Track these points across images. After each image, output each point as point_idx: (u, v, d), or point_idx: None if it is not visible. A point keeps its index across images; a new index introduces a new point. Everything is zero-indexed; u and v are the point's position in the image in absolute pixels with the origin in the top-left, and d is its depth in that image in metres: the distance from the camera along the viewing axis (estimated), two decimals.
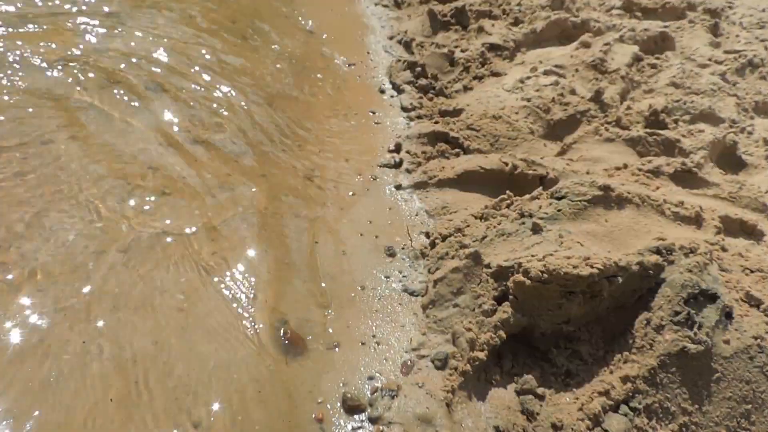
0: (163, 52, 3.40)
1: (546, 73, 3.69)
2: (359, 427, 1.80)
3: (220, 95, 3.22)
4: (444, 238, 2.48)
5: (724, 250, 2.29)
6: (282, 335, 2.03)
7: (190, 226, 2.36)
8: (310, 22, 4.34)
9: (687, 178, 2.80)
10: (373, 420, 1.82)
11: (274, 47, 3.87)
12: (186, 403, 1.76)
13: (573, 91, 3.49)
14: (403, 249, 2.52)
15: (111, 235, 2.23)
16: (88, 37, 3.37)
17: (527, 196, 2.58)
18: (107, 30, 3.49)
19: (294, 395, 1.86)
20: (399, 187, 2.88)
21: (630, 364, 1.95)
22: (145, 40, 3.49)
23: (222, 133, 2.95)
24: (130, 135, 2.75)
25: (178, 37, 3.60)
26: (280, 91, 3.42)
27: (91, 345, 1.85)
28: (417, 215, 2.73)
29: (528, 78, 3.66)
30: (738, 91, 3.58)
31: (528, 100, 3.38)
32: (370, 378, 1.95)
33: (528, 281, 2.03)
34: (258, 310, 2.10)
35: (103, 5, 3.72)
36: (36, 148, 2.51)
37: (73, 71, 3.04)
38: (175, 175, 2.59)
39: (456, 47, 4.08)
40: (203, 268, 2.21)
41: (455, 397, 1.92)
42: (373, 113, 3.46)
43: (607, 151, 3.06)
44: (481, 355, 2.00)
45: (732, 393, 1.85)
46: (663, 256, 2.10)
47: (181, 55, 3.44)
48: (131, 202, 2.39)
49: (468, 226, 2.52)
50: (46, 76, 2.96)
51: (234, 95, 3.25)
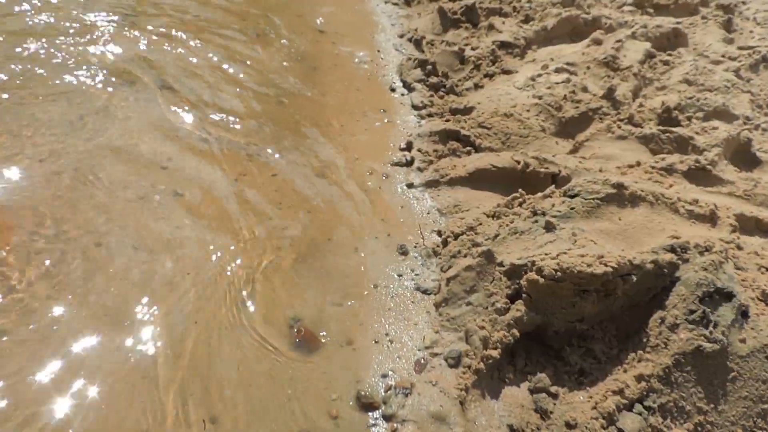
0: (179, 50, 3.43)
1: (557, 70, 3.67)
2: (374, 425, 1.81)
3: (230, 93, 3.23)
4: (456, 237, 2.48)
5: (739, 248, 2.27)
6: (296, 332, 2.04)
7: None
8: (320, 21, 4.34)
9: (701, 176, 2.78)
10: (387, 418, 1.83)
11: (285, 45, 3.87)
12: (203, 400, 1.77)
13: (585, 89, 3.47)
14: (415, 247, 2.52)
15: None
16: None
17: (540, 195, 2.57)
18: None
19: (309, 392, 1.87)
20: (411, 185, 2.88)
21: (644, 363, 1.94)
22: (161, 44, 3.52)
23: (232, 131, 2.96)
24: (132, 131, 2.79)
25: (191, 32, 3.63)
26: (290, 89, 3.43)
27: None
28: (429, 213, 2.73)
29: (539, 75, 3.64)
30: (752, 88, 3.54)
31: (539, 98, 3.37)
32: (384, 376, 1.96)
33: (542, 279, 2.03)
34: (272, 308, 2.11)
35: None
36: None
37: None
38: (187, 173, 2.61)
39: (466, 45, 4.07)
40: (218, 264, 2.23)
41: (469, 396, 1.92)
42: (384, 111, 3.46)
43: (620, 149, 3.04)
44: (495, 353, 2.00)
45: (748, 392, 1.84)
46: (677, 254, 2.09)
47: (190, 52, 3.46)
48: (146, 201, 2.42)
49: (480, 224, 2.52)
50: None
51: (244, 93, 3.26)
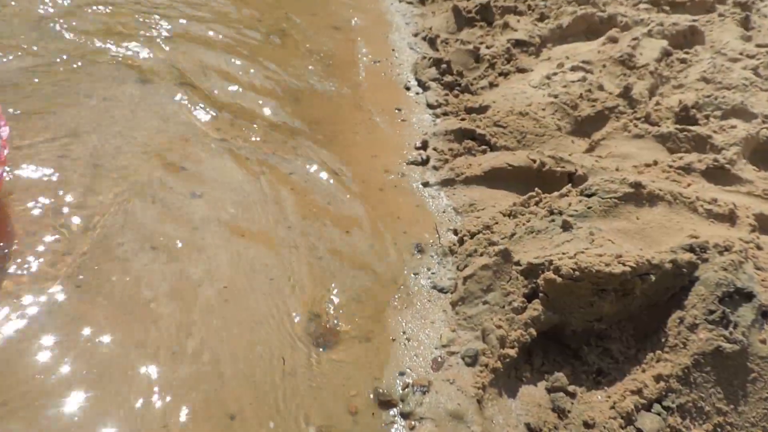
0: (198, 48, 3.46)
1: (573, 68, 3.66)
2: (392, 422, 1.82)
3: (245, 91, 3.25)
4: (472, 236, 2.49)
5: (759, 248, 2.25)
6: (315, 329, 2.06)
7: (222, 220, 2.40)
8: (335, 20, 4.36)
9: (719, 175, 2.75)
10: (404, 415, 1.84)
11: (300, 44, 3.89)
12: (222, 396, 1.79)
13: (601, 87, 3.46)
14: (431, 246, 2.53)
15: None
16: None
17: (556, 194, 2.57)
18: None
19: (327, 388, 1.88)
20: (426, 184, 2.89)
21: (663, 363, 1.93)
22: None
23: (248, 129, 2.98)
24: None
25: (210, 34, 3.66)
26: (306, 88, 3.45)
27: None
28: (445, 212, 2.74)
29: (554, 74, 3.63)
30: None
31: (555, 97, 3.36)
32: (401, 373, 1.97)
33: (559, 279, 2.03)
34: (291, 304, 2.13)
35: None
36: None
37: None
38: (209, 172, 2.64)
39: (481, 44, 4.06)
40: (238, 260, 2.25)
41: (486, 394, 1.93)
42: (399, 110, 3.47)
43: (637, 148, 3.02)
44: (512, 352, 2.00)
45: None
46: (696, 254, 2.08)
47: (210, 50, 3.50)
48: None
49: (496, 223, 2.52)
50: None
51: (261, 92, 3.28)
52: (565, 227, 2.30)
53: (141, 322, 1.95)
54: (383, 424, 1.82)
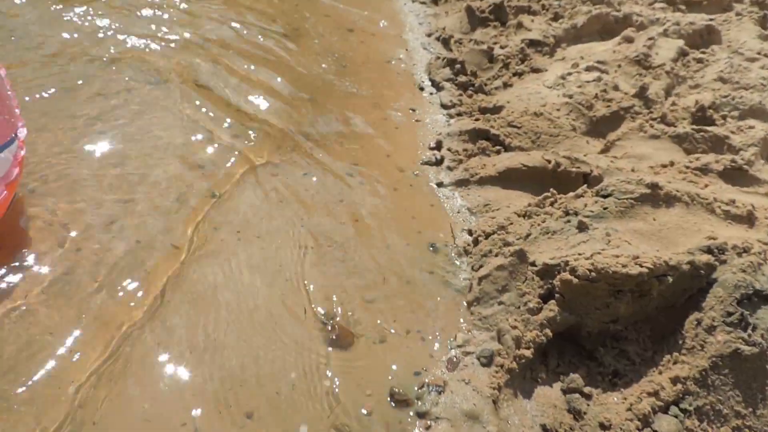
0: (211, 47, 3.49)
1: (588, 69, 3.64)
2: (407, 421, 1.83)
3: (260, 91, 3.27)
4: (487, 236, 2.49)
5: None
6: (329, 329, 2.07)
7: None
8: (348, 20, 4.37)
9: (737, 176, 2.73)
10: (420, 415, 1.84)
11: (314, 44, 3.91)
12: (240, 395, 1.81)
13: (616, 87, 3.44)
14: (446, 246, 2.53)
15: None
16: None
17: (571, 194, 2.56)
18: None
19: (342, 388, 1.89)
20: (440, 184, 2.89)
21: (680, 365, 1.92)
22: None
23: (263, 129, 3.00)
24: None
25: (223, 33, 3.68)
26: (320, 88, 3.46)
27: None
28: (459, 212, 2.74)
29: (569, 74, 3.61)
30: None
31: (570, 97, 3.34)
32: (417, 373, 1.97)
33: (575, 280, 2.02)
34: (305, 305, 2.14)
35: None
36: None
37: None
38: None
39: (495, 44, 4.05)
40: (252, 261, 2.26)
41: (501, 395, 1.93)
42: (413, 110, 3.47)
43: (653, 148, 3.00)
44: (527, 353, 2.00)
45: None
46: (714, 255, 2.06)
47: (224, 48, 3.52)
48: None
49: (511, 223, 2.51)
50: None
51: (274, 91, 3.30)
52: (581, 228, 2.29)
53: (160, 320, 1.98)
54: (399, 423, 1.82)
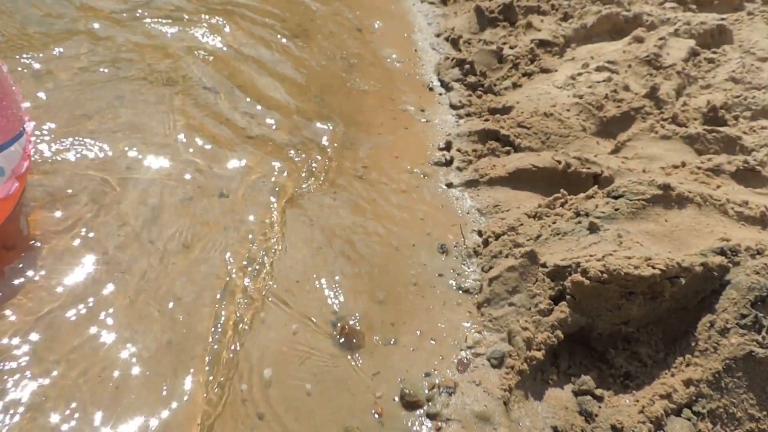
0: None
1: (598, 69, 3.62)
2: (418, 423, 1.82)
3: (268, 91, 3.28)
4: (497, 237, 2.48)
5: None
6: (339, 330, 2.07)
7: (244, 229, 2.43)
8: (357, 20, 4.37)
9: (750, 177, 2.71)
10: (431, 416, 1.84)
11: (323, 44, 3.91)
12: (251, 395, 1.81)
13: (626, 88, 3.42)
14: (455, 247, 2.53)
15: None
16: None
17: (582, 195, 2.55)
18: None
19: (353, 389, 1.89)
20: (450, 185, 2.89)
21: (693, 368, 1.91)
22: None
23: (272, 130, 3.00)
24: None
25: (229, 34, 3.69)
26: (329, 89, 3.47)
27: None
28: (469, 213, 2.73)
29: (579, 74, 3.59)
30: None
31: (580, 97, 3.33)
32: (427, 375, 1.97)
33: (587, 281, 2.01)
34: (315, 306, 2.14)
35: None
36: None
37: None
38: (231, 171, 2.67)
39: (504, 44, 4.04)
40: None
41: (512, 396, 1.92)
42: (422, 111, 3.47)
43: (664, 149, 2.98)
44: (538, 354, 1.99)
45: None
46: (728, 257, 2.05)
47: (232, 49, 3.53)
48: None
49: (521, 224, 2.50)
50: None
51: (283, 92, 3.30)
52: (592, 229, 2.28)
53: (171, 318, 1.99)
54: (409, 424, 1.82)
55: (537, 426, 1.88)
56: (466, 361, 2.03)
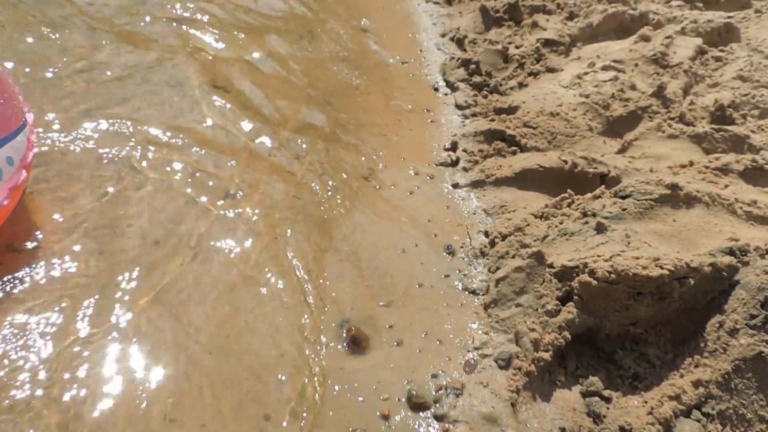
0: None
1: (604, 68, 3.61)
2: (425, 425, 1.82)
3: (275, 93, 3.28)
4: (504, 237, 2.47)
5: None
6: (345, 332, 2.06)
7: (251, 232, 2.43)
8: (363, 21, 4.37)
9: (758, 176, 2.68)
10: (438, 418, 1.84)
11: (327, 45, 3.91)
12: (258, 397, 1.81)
13: (633, 87, 3.40)
14: (462, 248, 2.52)
15: None
16: None
17: (589, 195, 2.54)
18: None
19: (359, 391, 1.89)
20: (456, 185, 2.88)
21: (702, 368, 1.90)
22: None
23: (278, 131, 3.01)
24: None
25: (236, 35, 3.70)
26: (335, 90, 3.47)
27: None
28: (475, 214, 2.73)
29: (585, 74, 3.58)
30: None
31: (586, 96, 3.32)
32: (434, 376, 1.97)
33: (594, 282, 2.00)
34: (321, 308, 2.14)
35: None
36: None
37: None
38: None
39: (510, 43, 4.03)
40: (265, 267, 2.27)
41: (520, 398, 1.91)
42: (428, 111, 3.46)
43: (671, 148, 2.97)
44: (546, 355, 1.98)
45: None
46: (737, 257, 2.03)
47: (238, 49, 3.53)
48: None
49: (528, 225, 2.50)
50: None
51: (291, 94, 3.31)
52: (600, 229, 2.27)
53: (179, 321, 1.99)
54: (416, 426, 1.82)
55: (545, 427, 1.87)
56: (473, 362, 2.03)
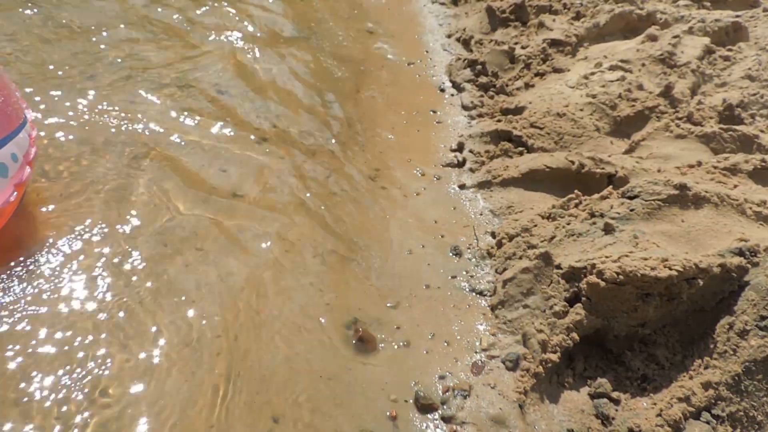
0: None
1: (611, 68, 3.59)
2: (432, 426, 1.82)
3: (280, 95, 3.28)
4: (511, 238, 2.46)
5: None
6: (353, 334, 2.06)
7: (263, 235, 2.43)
8: (368, 22, 4.37)
9: (767, 176, 2.67)
10: (446, 419, 1.83)
11: (334, 47, 3.92)
12: (267, 399, 1.82)
13: (640, 87, 3.38)
14: (468, 249, 2.52)
15: None
16: None
17: (597, 196, 2.52)
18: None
19: (367, 393, 1.89)
20: (463, 186, 2.88)
21: (711, 370, 1.88)
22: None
23: (285, 132, 3.01)
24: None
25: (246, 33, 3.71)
26: (341, 92, 3.47)
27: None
28: (482, 215, 2.72)
29: (592, 74, 3.56)
30: None
31: (593, 97, 3.30)
32: (442, 377, 1.96)
33: (602, 283, 1.99)
34: (330, 310, 2.14)
35: None
36: None
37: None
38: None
39: (516, 44, 4.02)
40: (275, 269, 2.27)
41: (528, 399, 1.91)
42: (434, 112, 3.46)
43: (679, 148, 2.95)
44: (554, 357, 1.98)
45: None
46: (746, 257, 2.02)
47: (241, 54, 3.54)
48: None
49: (535, 225, 2.49)
50: None
51: (297, 96, 3.31)
52: (607, 230, 2.26)
53: (186, 321, 2.00)
54: (424, 428, 1.81)
55: (553, 429, 1.86)
56: (480, 363, 2.02)
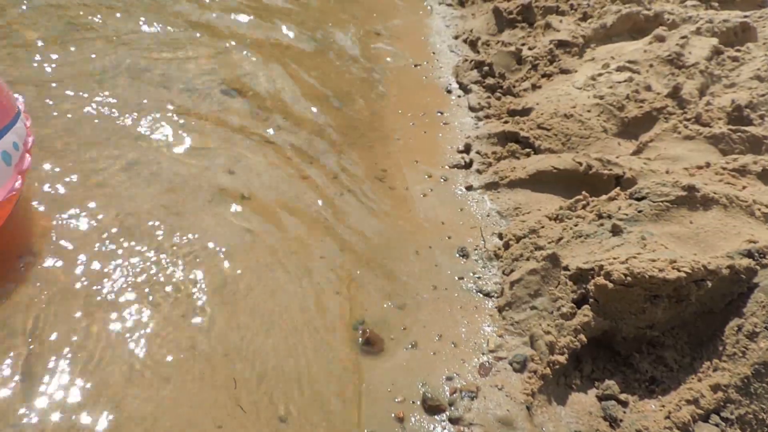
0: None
1: (618, 69, 3.58)
2: (440, 427, 1.82)
3: (287, 96, 3.30)
4: (518, 240, 2.46)
5: None
6: (360, 335, 2.07)
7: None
8: (375, 24, 4.38)
9: None
10: (453, 421, 1.83)
11: (341, 48, 3.93)
12: (273, 399, 1.82)
13: (648, 88, 3.37)
14: (475, 250, 2.52)
15: None
16: None
17: (604, 197, 2.52)
18: None
19: (374, 394, 1.89)
20: (470, 187, 2.88)
21: (720, 372, 1.87)
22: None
23: (292, 135, 3.02)
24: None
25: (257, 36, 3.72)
26: (348, 93, 3.48)
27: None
28: (489, 216, 2.72)
29: (599, 75, 3.55)
30: None
31: (600, 98, 3.29)
32: (449, 379, 1.96)
33: (611, 284, 1.99)
34: (337, 312, 2.14)
35: None
36: None
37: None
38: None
39: (523, 45, 4.02)
40: (282, 270, 2.28)
41: (535, 401, 1.90)
42: (441, 114, 3.46)
43: (687, 150, 2.94)
44: (561, 358, 1.97)
45: None
46: (755, 259, 2.00)
47: (252, 55, 3.55)
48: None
49: (542, 227, 2.48)
50: None
51: (302, 96, 3.32)
52: (615, 231, 2.25)
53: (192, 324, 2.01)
54: (431, 429, 1.81)
55: (560, 431, 1.86)
56: (487, 365, 2.02)
